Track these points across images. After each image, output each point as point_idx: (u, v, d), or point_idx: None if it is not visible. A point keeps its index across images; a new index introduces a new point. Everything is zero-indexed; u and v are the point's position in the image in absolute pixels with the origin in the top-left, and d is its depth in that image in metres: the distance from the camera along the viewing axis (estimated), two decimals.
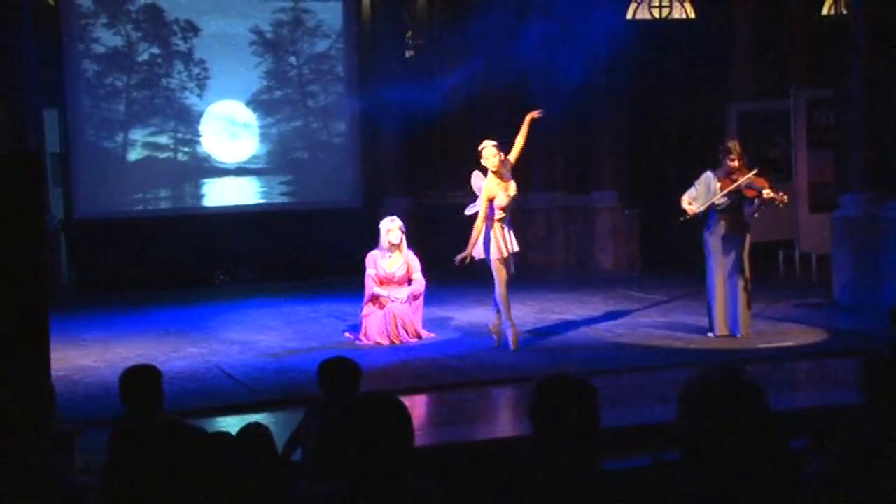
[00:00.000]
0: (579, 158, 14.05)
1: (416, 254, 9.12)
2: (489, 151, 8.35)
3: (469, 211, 8.69)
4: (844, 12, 12.00)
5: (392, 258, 8.92)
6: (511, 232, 8.43)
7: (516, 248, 8.47)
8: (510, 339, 8.36)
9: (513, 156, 8.45)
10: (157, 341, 9.34)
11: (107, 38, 13.15)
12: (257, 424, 3.06)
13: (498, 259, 8.30)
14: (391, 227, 8.91)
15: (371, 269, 8.89)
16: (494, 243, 8.30)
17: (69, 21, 13.03)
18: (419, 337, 8.93)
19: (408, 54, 14.98)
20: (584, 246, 14.12)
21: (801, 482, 2.63)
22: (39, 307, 5.32)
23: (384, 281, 8.90)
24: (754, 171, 8.38)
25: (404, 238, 8.98)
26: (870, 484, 2.70)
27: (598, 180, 14.06)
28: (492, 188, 8.29)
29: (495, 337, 8.59)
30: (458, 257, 8.31)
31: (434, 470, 2.51)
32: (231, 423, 6.04)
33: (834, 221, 10.32)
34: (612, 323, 9.69)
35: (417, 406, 6.83)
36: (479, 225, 8.32)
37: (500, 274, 8.31)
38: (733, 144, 8.57)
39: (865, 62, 9.84)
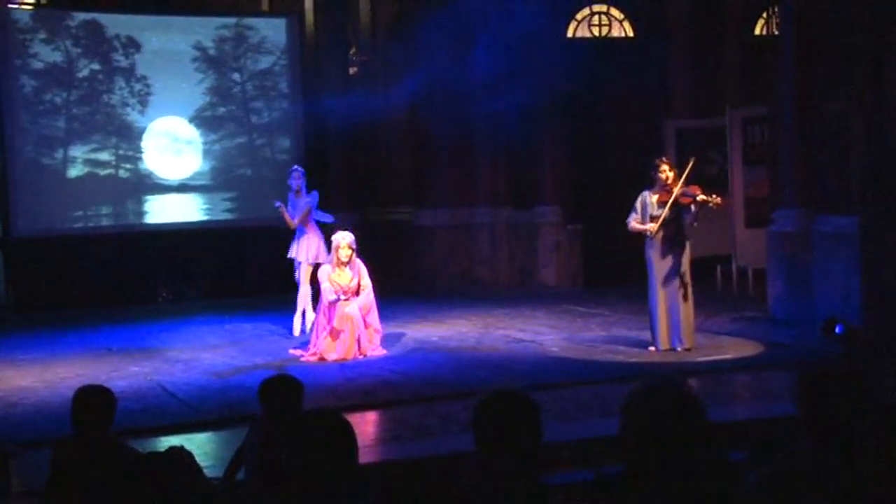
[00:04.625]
0: (522, 174, 14.19)
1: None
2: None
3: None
4: (776, 32, 12.31)
5: (343, 272, 8.97)
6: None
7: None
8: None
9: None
10: (98, 360, 9.21)
11: (46, 54, 12.97)
12: (180, 448, 3.06)
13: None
14: (341, 245, 8.97)
15: (325, 283, 8.93)
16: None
17: (6, 36, 12.83)
18: (365, 354, 8.95)
19: (352, 71, 15.01)
20: (527, 261, 14.24)
21: (740, 493, 2.70)
22: None
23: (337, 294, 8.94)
24: (683, 179, 8.60)
25: (355, 253, 9.03)
26: (805, 495, 2.77)
27: (541, 196, 14.21)
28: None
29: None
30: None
31: (378, 487, 2.53)
32: (175, 443, 5.97)
33: (768, 236, 10.55)
34: (555, 337, 9.78)
35: (362, 423, 6.83)
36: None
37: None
38: (660, 161, 8.81)
39: (795, 80, 10.11)
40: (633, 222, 8.74)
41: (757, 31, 15.43)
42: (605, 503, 2.58)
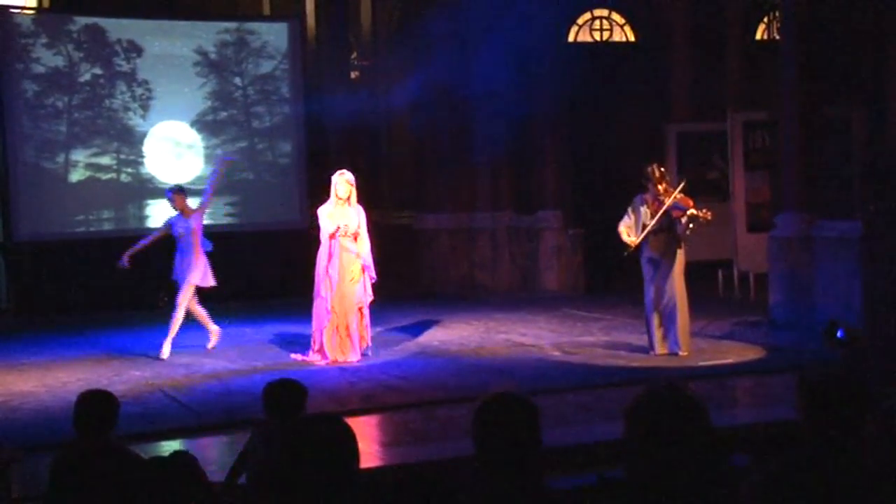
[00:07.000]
0: (524, 179, 14.20)
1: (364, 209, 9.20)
2: None
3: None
4: (777, 37, 12.33)
5: (344, 209, 8.97)
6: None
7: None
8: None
9: None
10: (99, 365, 9.22)
11: (47, 58, 12.98)
12: (183, 452, 3.06)
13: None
14: (338, 181, 9.00)
15: (324, 221, 8.94)
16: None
17: (8, 40, 12.84)
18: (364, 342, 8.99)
19: (353, 75, 15.05)
20: (529, 265, 14.25)
21: (741, 497, 2.70)
22: None
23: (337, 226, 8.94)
24: (678, 192, 8.59)
25: (354, 191, 9.02)
26: (806, 499, 2.77)
27: (542, 200, 14.23)
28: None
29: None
30: None
31: (379, 492, 2.53)
32: (177, 448, 5.98)
33: (769, 241, 10.55)
34: (556, 342, 9.78)
35: (363, 427, 6.83)
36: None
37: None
38: (652, 169, 8.72)
39: (796, 85, 10.12)
40: (623, 227, 8.75)
41: (758, 36, 15.45)
42: None
